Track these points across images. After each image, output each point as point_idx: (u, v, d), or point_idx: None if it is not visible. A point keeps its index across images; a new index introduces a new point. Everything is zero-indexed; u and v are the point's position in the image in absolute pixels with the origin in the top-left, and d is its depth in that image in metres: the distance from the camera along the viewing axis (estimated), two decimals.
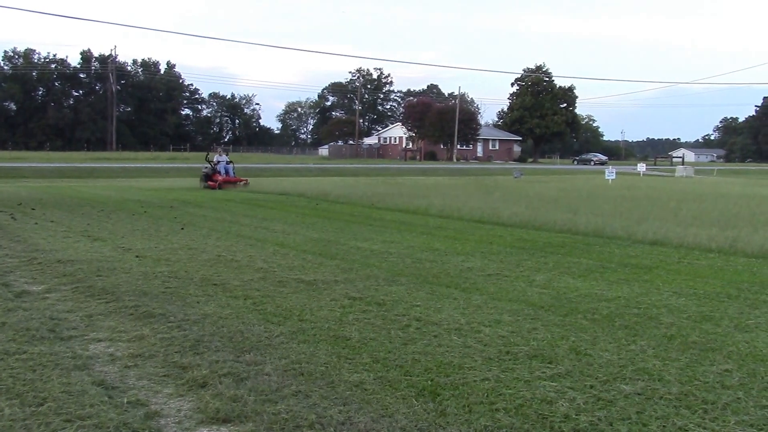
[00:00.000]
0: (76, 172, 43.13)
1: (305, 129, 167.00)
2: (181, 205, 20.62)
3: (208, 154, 32.71)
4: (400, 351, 5.94)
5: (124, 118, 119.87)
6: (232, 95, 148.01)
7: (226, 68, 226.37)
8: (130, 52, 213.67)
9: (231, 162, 32.29)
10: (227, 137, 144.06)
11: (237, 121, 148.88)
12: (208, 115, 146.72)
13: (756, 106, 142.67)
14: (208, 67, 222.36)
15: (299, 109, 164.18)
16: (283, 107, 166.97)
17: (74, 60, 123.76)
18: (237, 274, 9.44)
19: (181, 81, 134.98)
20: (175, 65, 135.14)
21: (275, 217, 17.44)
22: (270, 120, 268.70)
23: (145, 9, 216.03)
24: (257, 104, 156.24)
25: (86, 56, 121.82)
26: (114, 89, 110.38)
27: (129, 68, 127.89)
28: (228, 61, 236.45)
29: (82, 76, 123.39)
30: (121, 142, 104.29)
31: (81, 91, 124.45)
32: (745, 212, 18.54)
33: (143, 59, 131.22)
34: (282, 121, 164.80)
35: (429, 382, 5.15)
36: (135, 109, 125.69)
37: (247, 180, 31.25)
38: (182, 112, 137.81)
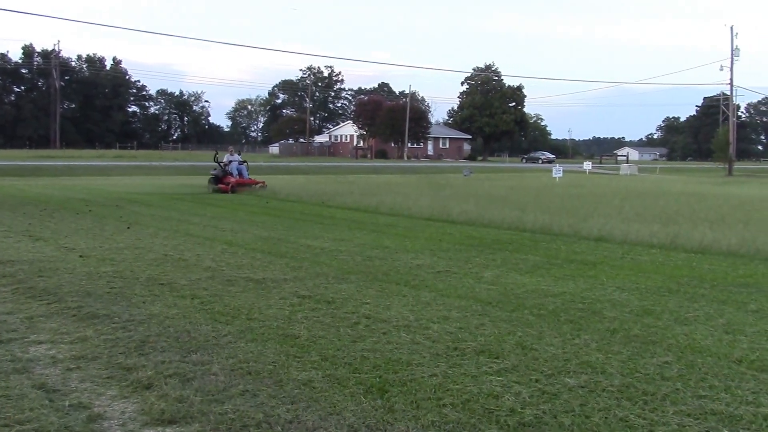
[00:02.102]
0: (18, 170, 42.13)
1: (255, 127, 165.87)
2: (128, 204, 20.31)
3: (216, 154, 29.87)
4: (349, 349, 5.95)
5: (68, 115, 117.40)
6: (181, 92, 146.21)
7: (174, 65, 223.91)
8: (74, 47, 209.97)
9: (244, 162, 28.91)
10: (175, 135, 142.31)
11: (186, 118, 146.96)
12: (156, 112, 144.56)
13: (696, 106, 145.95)
14: (155, 63, 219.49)
15: (249, 107, 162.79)
16: (233, 105, 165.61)
17: (15, 55, 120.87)
18: (184, 273, 9.35)
19: (127, 77, 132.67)
20: (121, 61, 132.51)
21: (224, 216, 17.29)
22: (219, 118, 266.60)
23: (90, 3, 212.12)
24: (206, 102, 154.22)
25: (28, 51, 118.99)
26: (58, 85, 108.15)
27: (73, 64, 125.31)
28: (176, 57, 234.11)
29: (24, 71, 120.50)
30: (65, 140, 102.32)
31: (23, 87, 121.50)
32: (685, 209, 18.98)
33: (88, 55, 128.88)
34: (232, 118, 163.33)
35: (377, 379, 5.17)
36: (80, 105, 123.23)
37: (264, 182, 27.66)
38: (129, 110, 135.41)
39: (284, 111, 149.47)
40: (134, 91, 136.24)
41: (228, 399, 4.76)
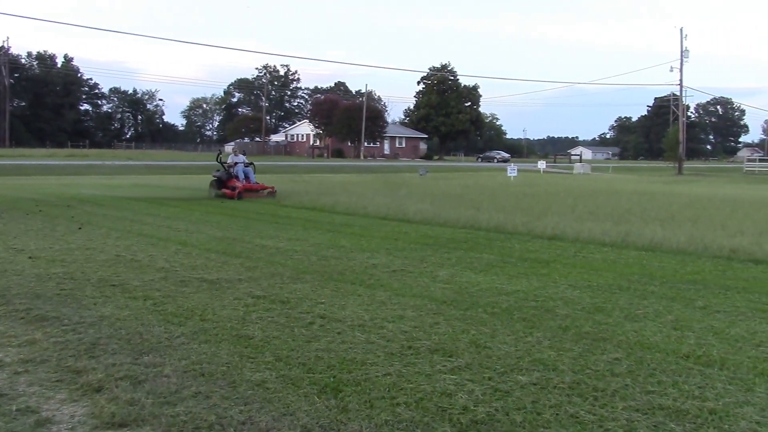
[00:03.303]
0: None
1: (211, 126, 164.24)
2: (80, 204, 19.98)
3: (220, 154, 25.83)
4: (303, 349, 5.95)
5: (18, 113, 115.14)
6: (134, 90, 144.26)
7: (127, 63, 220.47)
8: (24, 44, 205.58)
9: (251, 164, 25.04)
10: (129, 134, 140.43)
11: (139, 117, 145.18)
12: (109, 110, 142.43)
13: (648, 106, 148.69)
14: (108, 61, 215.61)
15: (204, 106, 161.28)
16: (188, 103, 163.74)
17: None
18: (137, 274, 9.23)
19: (79, 75, 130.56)
20: (72, 59, 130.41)
21: (178, 216, 17.11)
22: (174, 116, 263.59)
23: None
24: (161, 100, 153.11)
25: None
26: (7, 83, 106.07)
27: (23, 61, 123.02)
28: (129, 55, 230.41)
29: None
30: (15, 139, 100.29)
31: None
32: (636, 208, 19.30)
33: (38, 52, 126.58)
34: (187, 117, 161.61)
35: (331, 379, 5.17)
36: (30, 103, 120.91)
37: (273, 188, 23.99)
38: (81, 108, 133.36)
39: (240, 110, 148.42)
40: (86, 89, 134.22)
41: (180, 401, 4.72)
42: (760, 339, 6.42)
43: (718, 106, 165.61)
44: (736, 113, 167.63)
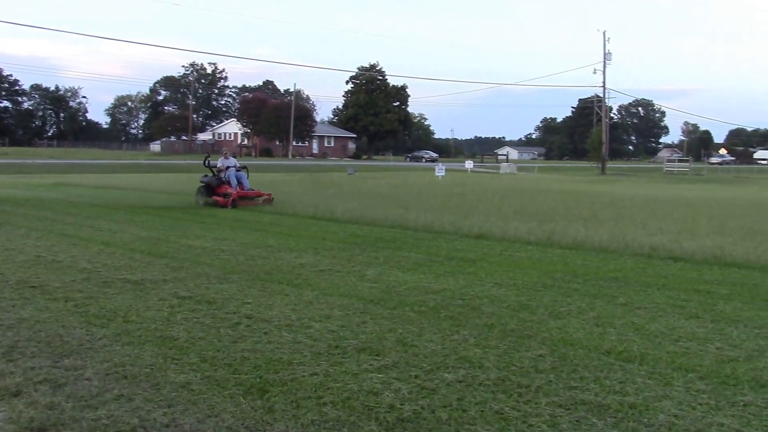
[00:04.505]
0: None
1: (136, 124, 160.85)
2: None
3: (207, 158, 23.13)
4: (229, 349, 5.89)
5: None
6: (57, 87, 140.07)
7: (49, 59, 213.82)
8: None
9: (244, 168, 22.37)
10: (51, 131, 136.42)
11: (62, 114, 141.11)
12: (30, 108, 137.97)
13: (572, 107, 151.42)
14: (28, 57, 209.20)
15: (129, 103, 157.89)
16: (112, 101, 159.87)
17: None
18: (58, 275, 8.98)
19: None
20: None
21: (101, 215, 16.72)
22: (98, 114, 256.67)
23: None
24: (84, 97, 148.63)
25: None
26: None
27: None
28: (51, 51, 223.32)
29: None
30: None
31: None
32: (561, 207, 19.73)
33: None
34: (111, 115, 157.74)
35: (258, 380, 5.14)
36: None
37: (270, 194, 21.28)
38: (0, 105, 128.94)
39: (166, 108, 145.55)
40: (6, 85, 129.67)
41: (102, 404, 4.62)
42: (679, 334, 6.63)
43: (640, 108, 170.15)
44: (657, 115, 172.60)
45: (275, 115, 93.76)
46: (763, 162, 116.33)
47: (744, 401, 4.89)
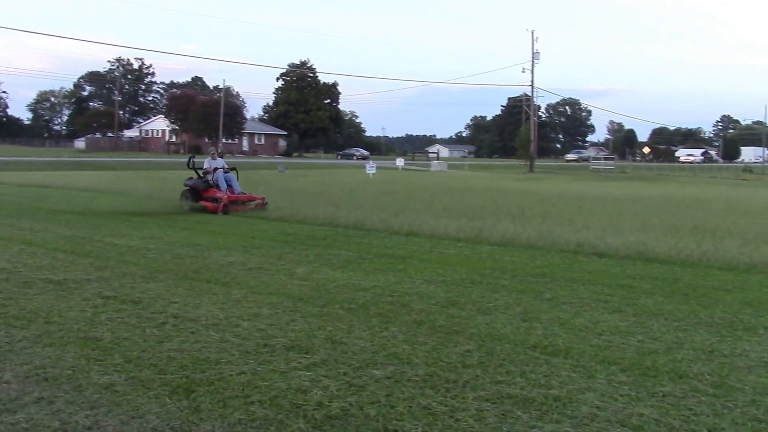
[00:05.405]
0: None
1: (60, 120, 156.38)
2: None
3: (193, 158, 20.82)
4: (154, 349, 5.78)
5: None
6: None
7: None
8: None
9: (233, 169, 20.27)
10: None
11: None
12: None
13: (502, 106, 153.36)
14: None
15: (53, 99, 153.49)
16: (35, 96, 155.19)
17: None
18: None
19: None
20: None
21: (23, 213, 16.23)
22: (19, 110, 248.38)
23: None
24: (4, 92, 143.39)
25: None
26: None
27: None
28: None
29: None
30: None
31: None
32: (490, 204, 19.98)
33: None
34: (33, 111, 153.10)
35: (184, 380, 5.06)
36: None
37: (263, 198, 19.13)
38: None
39: (91, 104, 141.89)
40: None
41: (21, 408, 4.48)
42: (602, 328, 6.78)
43: (567, 107, 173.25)
44: (584, 114, 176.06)
45: (204, 111, 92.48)
46: (685, 160, 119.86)
47: (663, 392, 5.03)
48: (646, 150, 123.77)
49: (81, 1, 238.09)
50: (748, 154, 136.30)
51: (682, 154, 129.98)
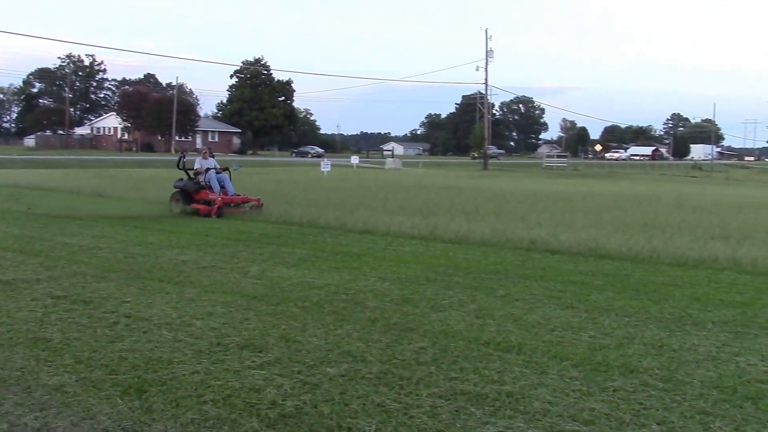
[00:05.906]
0: None
1: (8, 117, 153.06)
2: None
3: (183, 158, 19.29)
4: (106, 350, 5.71)
5: None
6: None
7: None
8: None
9: (225, 169, 18.96)
10: None
11: None
12: None
13: (456, 104, 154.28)
14: None
15: (1, 96, 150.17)
16: None
17: None
18: None
19: None
20: None
21: None
22: None
23: None
24: None
25: None
26: None
27: None
28: None
29: None
30: None
31: None
32: (444, 202, 20.08)
33: None
34: None
35: (136, 380, 5.00)
36: None
37: (259, 199, 18.13)
38: None
39: (41, 101, 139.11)
40: None
41: None
42: (554, 324, 6.87)
43: (521, 105, 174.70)
44: (537, 111, 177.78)
45: (157, 109, 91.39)
46: (635, 158, 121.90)
47: (614, 386, 5.11)
48: (598, 148, 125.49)
49: None
50: (698, 151, 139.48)
51: (634, 152, 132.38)
